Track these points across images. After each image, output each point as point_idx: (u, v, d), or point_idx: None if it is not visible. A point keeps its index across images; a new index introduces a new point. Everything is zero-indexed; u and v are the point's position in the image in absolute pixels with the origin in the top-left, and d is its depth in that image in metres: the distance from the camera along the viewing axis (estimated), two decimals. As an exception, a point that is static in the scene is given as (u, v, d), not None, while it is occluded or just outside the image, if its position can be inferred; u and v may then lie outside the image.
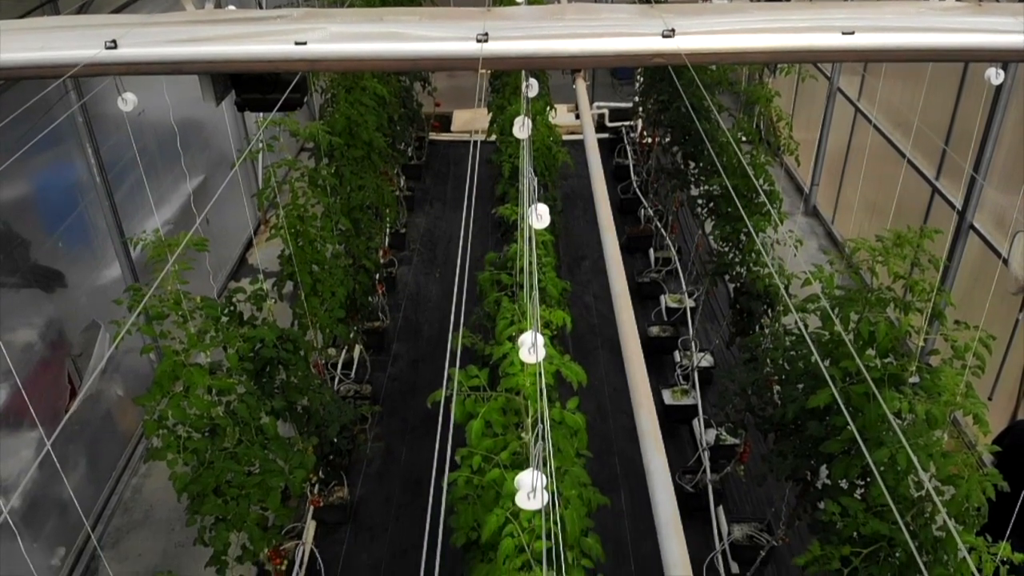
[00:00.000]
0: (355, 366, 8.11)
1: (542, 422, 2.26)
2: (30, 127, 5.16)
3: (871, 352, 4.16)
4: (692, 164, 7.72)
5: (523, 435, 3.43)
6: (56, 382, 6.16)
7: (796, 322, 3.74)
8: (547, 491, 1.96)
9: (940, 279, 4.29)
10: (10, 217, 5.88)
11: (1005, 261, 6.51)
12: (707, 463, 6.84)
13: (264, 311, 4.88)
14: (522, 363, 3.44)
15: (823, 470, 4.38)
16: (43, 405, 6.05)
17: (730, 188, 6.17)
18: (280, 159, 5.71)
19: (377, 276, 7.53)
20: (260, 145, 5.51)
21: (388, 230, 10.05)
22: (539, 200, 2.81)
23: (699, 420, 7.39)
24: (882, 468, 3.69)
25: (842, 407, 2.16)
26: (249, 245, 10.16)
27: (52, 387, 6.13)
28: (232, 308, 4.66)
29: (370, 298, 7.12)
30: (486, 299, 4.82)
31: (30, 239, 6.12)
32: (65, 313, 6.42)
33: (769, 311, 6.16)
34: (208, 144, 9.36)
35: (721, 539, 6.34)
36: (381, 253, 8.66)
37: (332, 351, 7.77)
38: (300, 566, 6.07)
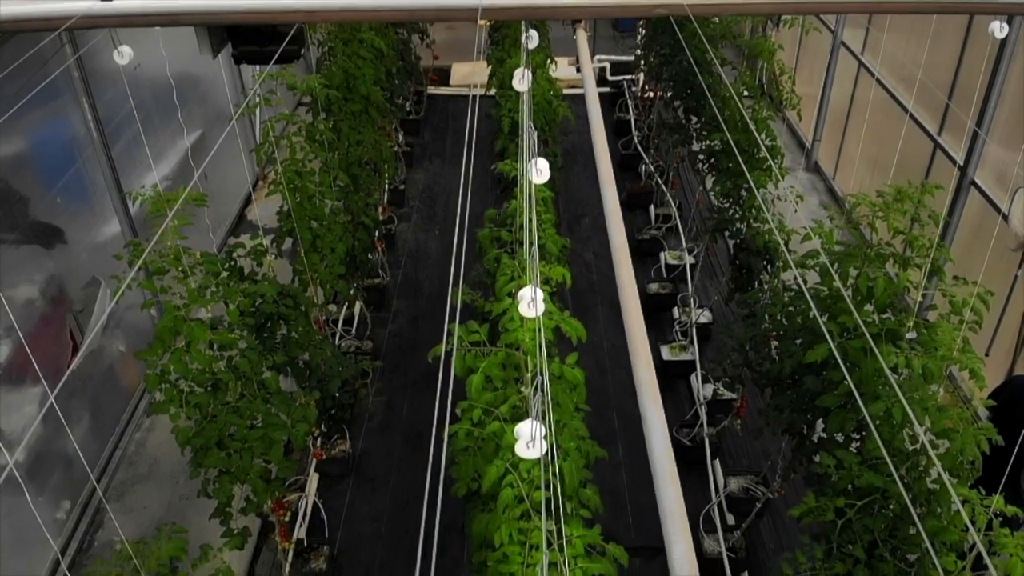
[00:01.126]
0: (356, 322, 8.15)
1: (541, 376, 2.28)
2: (26, 81, 5.10)
3: (869, 307, 4.17)
4: (694, 119, 7.66)
5: (523, 389, 3.46)
6: (58, 338, 6.18)
7: (795, 278, 3.74)
8: (546, 442, 1.98)
9: (940, 235, 4.28)
10: (8, 173, 5.85)
11: (1005, 217, 6.50)
12: (704, 417, 6.91)
13: (264, 267, 4.88)
14: (522, 318, 3.46)
15: (819, 424, 4.42)
16: (45, 361, 6.08)
17: (731, 143, 6.13)
18: (278, 113, 5.65)
19: (376, 233, 7.52)
20: (257, 99, 5.45)
21: (387, 186, 10.00)
22: (539, 155, 2.79)
23: (697, 375, 7.44)
24: (878, 422, 3.72)
25: (839, 362, 2.18)
26: (248, 201, 10.11)
27: (54, 343, 6.16)
28: (232, 264, 4.66)
29: (370, 255, 7.12)
30: (486, 256, 4.82)
31: (28, 195, 6.10)
32: (65, 269, 6.42)
33: (768, 267, 6.16)
34: (205, 99, 9.26)
35: (717, 491, 6.44)
36: (380, 210, 8.64)
37: (332, 307, 7.80)
38: (303, 517, 6.17)
